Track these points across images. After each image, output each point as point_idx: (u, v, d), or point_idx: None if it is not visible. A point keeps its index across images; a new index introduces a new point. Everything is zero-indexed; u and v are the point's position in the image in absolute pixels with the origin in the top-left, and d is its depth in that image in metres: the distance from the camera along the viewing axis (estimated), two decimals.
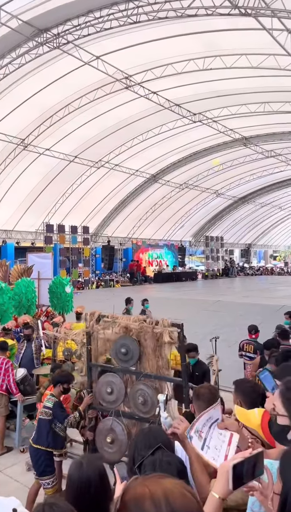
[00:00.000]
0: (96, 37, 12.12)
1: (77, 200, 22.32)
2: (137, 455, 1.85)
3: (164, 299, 15.68)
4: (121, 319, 3.85)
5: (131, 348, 3.57)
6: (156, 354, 3.52)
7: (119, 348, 3.63)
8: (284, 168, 27.09)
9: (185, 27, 11.58)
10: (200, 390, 2.62)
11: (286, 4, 9.25)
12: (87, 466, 1.83)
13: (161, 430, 2.04)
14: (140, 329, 3.58)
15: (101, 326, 3.97)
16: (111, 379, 3.77)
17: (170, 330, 3.44)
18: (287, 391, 1.47)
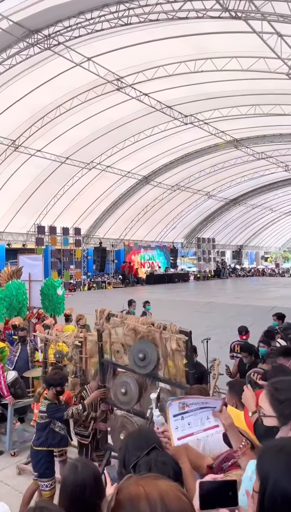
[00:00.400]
0: (87, 39, 12.11)
1: (69, 202, 22.24)
2: (128, 457, 1.84)
3: (156, 301, 15.67)
4: (130, 320, 3.79)
5: (149, 353, 3.45)
6: (170, 361, 3.44)
7: (137, 353, 3.50)
8: (275, 170, 27.32)
9: (175, 29, 11.64)
10: (191, 391, 2.63)
11: (276, 7, 9.34)
12: (82, 469, 1.81)
13: (151, 432, 2.04)
14: (148, 332, 3.49)
15: (111, 325, 3.95)
16: (126, 380, 3.70)
17: (178, 337, 3.33)
18: (275, 391, 1.47)
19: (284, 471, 1.01)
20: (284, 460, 1.03)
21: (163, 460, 1.65)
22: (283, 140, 21.58)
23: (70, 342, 5.46)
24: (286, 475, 1.00)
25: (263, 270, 39.79)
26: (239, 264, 39.72)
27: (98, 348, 4.06)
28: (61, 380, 4.13)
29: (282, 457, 1.04)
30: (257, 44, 11.06)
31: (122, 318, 3.83)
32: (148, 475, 0.93)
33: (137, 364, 3.50)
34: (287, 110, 16.50)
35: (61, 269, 22.69)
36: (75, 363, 5.49)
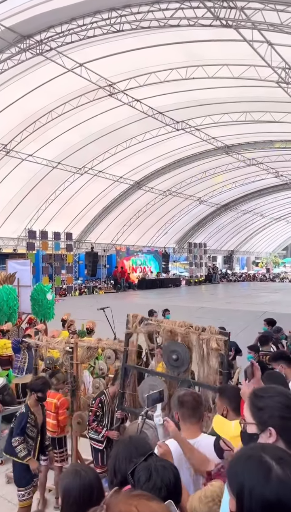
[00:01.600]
0: (80, 45, 12.16)
1: (61, 206, 22.18)
2: (118, 465, 1.83)
3: (148, 306, 15.64)
4: (166, 323, 3.91)
5: (182, 354, 3.61)
6: (204, 362, 3.54)
7: (170, 354, 3.66)
8: (265, 176, 27.62)
9: (167, 36, 11.75)
10: (184, 398, 2.60)
11: (266, 16, 9.49)
12: (86, 473, 1.78)
13: (142, 440, 2.02)
14: (187, 334, 3.62)
15: (145, 329, 4.03)
16: (153, 383, 3.76)
17: (217, 337, 3.45)
18: (255, 398, 1.48)
19: (257, 478, 0.98)
20: (255, 466, 1.00)
21: (163, 465, 1.65)
22: (274, 147, 21.84)
23: (61, 348, 5.42)
24: (261, 481, 0.97)
25: (254, 275, 40.03)
26: (230, 269, 39.91)
27: (124, 352, 4.12)
28: (43, 386, 4.06)
29: (252, 464, 1.01)
30: (247, 52, 11.21)
31: (158, 321, 3.95)
32: (139, 494, 0.91)
33: (171, 364, 3.67)
34: (277, 117, 16.72)
35: (53, 274, 22.55)
36: (66, 369, 5.46)
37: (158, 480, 1.56)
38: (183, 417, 2.56)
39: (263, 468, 0.98)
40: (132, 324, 4.11)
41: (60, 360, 5.51)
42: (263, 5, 9.20)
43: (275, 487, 0.95)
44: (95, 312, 11.13)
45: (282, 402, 1.39)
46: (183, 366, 3.64)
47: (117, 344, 4.89)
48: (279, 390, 1.47)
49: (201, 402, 2.66)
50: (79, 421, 4.90)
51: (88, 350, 5.23)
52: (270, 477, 0.96)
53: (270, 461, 0.98)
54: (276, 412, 1.37)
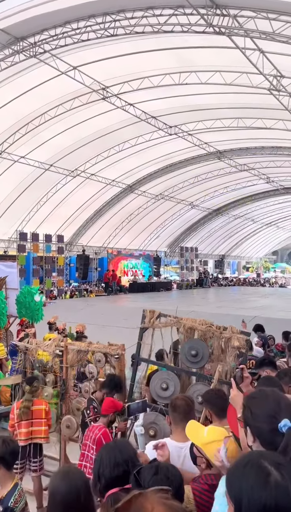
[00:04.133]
0: (74, 48, 12.18)
1: (52, 209, 22.10)
2: (102, 469, 1.83)
3: (139, 309, 15.64)
4: (186, 320, 4.06)
5: (201, 350, 3.75)
6: (220, 359, 3.71)
7: (189, 350, 3.80)
8: (257, 182, 27.89)
9: (161, 42, 11.85)
10: (177, 402, 2.62)
11: (258, 25, 9.64)
12: (74, 475, 1.78)
13: (127, 444, 2.03)
14: (207, 331, 3.79)
15: (162, 324, 4.16)
16: (166, 376, 3.88)
17: (239, 336, 3.64)
18: (247, 397, 1.50)
19: (256, 483, 0.99)
20: (253, 472, 1.01)
21: (167, 464, 1.70)
22: (265, 153, 22.09)
23: (51, 351, 5.39)
24: (259, 486, 0.98)
25: (245, 279, 40.28)
26: (221, 274, 40.11)
27: (137, 346, 4.25)
28: None
29: (250, 471, 1.02)
30: (240, 59, 11.35)
31: (177, 318, 4.08)
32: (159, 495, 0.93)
33: (189, 360, 3.80)
34: (269, 124, 16.93)
35: (43, 277, 22.41)
36: (56, 372, 5.43)
37: (164, 475, 1.61)
38: (174, 421, 2.57)
39: (261, 474, 0.99)
40: (149, 319, 4.21)
41: (49, 364, 5.49)
42: (255, 13, 9.34)
43: (274, 492, 0.96)
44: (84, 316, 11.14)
45: (265, 409, 1.41)
46: (202, 361, 3.78)
47: (108, 348, 4.89)
48: (271, 396, 1.48)
49: (193, 407, 2.67)
50: (68, 425, 4.88)
51: (78, 353, 5.22)
52: (269, 482, 0.97)
53: (269, 467, 0.99)
54: (259, 416, 1.40)
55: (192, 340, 3.85)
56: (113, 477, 1.81)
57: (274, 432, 1.34)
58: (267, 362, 3.75)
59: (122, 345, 4.74)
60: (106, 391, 4.00)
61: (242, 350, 3.57)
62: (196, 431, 2.02)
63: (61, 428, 4.89)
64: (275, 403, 1.41)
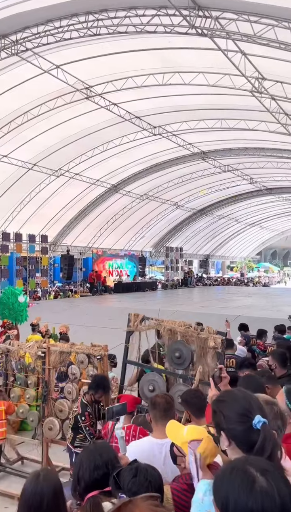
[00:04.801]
0: (56, 46, 12.08)
1: (36, 209, 21.85)
2: (82, 473, 1.82)
3: (124, 309, 15.62)
4: (167, 322, 4.17)
5: (184, 352, 3.85)
6: (201, 360, 3.81)
7: (173, 352, 3.92)
8: (240, 182, 28.20)
9: (144, 42, 11.85)
10: (156, 399, 2.64)
11: (240, 27, 9.73)
12: (43, 479, 1.75)
13: (106, 447, 2.02)
14: (186, 333, 3.88)
15: (145, 327, 4.28)
16: (153, 378, 3.99)
17: (215, 336, 3.73)
18: (215, 402, 1.51)
19: (241, 487, 1.00)
20: (239, 479, 1.02)
21: (146, 466, 1.69)
22: (248, 154, 22.36)
23: (33, 352, 5.33)
24: (245, 493, 0.99)
25: (229, 279, 40.70)
26: (205, 273, 40.41)
27: (125, 350, 4.39)
28: None
29: (237, 476, 1.03)
30: (222, 61, 11.45)
31: (158, 321, 4.20)
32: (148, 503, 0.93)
33: (174, 362, 3.92)
34: (252, 126, 17.14)
35: (27, 277, 22.16)
36: (38, 374, 5.37)
37: (143, 477, 1.61)
38: (154, 418, 2.60)
39: (247, 480, 1.00)
40: (133, 322, 4.32)
41: (31, 366, 5.43)
42: (237, 15, 9.44)
43: (260, 499, 0.96)
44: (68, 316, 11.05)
45: (236, 409, 1.42)
46: (185, 363, 3.88)
47: (91, 349, 4.87)
48: (240, 395, 1.49)
49: (173, 405, 2.69)
50: (50, 427, 4.84)
51: (61, 355, 5.18)
52: (255, 489, 0.98)
53: (255, 473, 1.00)
54: (231, 418, 1.40)
55: (176, 342, 3.93)
56: (93, 480, 1.80)
57: (249, 431, 1.35)
58: (246, 364, 3.81)
59: (105, 346, 4.73)
60: (92, 392, 4.00)
61: (217, 350, 3.64)
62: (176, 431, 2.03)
63: (44, 430, 4.85)
64: (245, 402, 1.43)
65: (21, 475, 4.83)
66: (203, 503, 1.35)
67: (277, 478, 0.99)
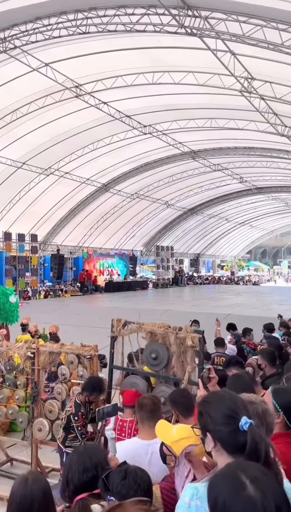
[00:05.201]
0: (45, 44, 11.98)
1: (26, 207, 21.69)
2: (71, 475, 1.82)
3: (115, 309, 15.60)
4: (147, 325, 4.21)
5: (161, 353, 3.91)
6: (181, 359, 3.85)
7: (150, 354, 3.97)
8: (230, 181, 28.36)
9: (134, 41, 11.83)
10: (143, 401, 2.64)
11: (229, 27, 9.78)
12: (32, 482, 1.74)
13: (96, 449, 2.02)
14: (165, 334, 3.94)
15: (128, 331, 4.31)
16: (134, 381, 4.02)
17: (192, 335, 3.76)
18: (201, 403, 1.52)
19: (230, 492, 1.03)
20: (230, 482, 1.05)
21: (135, 468, 1.69)
22: (238, 153, 22.49)
23: (22, 353, 5.29)
24: (233, 496, 1.02)
25: (219, 278, 40.92)
26: (196, 272, 40.57)
27: (110, 355, 4.41)
28: None
29: (228, 480, 1.06)
30: (212, 60, 11.47)
31: (139, 324, 4.24)
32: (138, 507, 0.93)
33: (150, 363, 3.99)
34: (241, 125, 17.24)
35: (17, 277, 21.98)
36: (27, 375, 5.34)
37: (132, 479, 1.61)
38: (141, 419, 2.60)
39: (236, 485, 1.02)
40: (116, 327, 4.35)
41: (20, 366, 5.39)
42: (226, 15, 9.47)
43: (245, 505, 0.99)
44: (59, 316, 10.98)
45: (222, 410, 1.42)
46: (161, 364, 3.94)
47: (80, 349, 4.85)
48: (226, 396, 1.49)
49: (159, 406, 2.70)
50: (40, 428, 4.81)
51: (51, 355, 5.15)
52: (242, 495, 1.00)
53: (245, 480, 1.02)
54: (217, 419, 1.40)
55: (152, 344, 3.99)
56: (82, 483, 1.80)
57: (235, 432, 1.35)
58: (233, 362, 3.84)
59: (95, 346, 4.72)
60: (87, 394, 3.99)
61: (196, 348, 3.69)
62: (165, 430, 2.05)
63: (33, 432, 4.82)
64: (231, 403, 1.43)
65: (10, 477, 4.79)
66: (190, 508, 1.35)
67: (266, 487, 1.01)
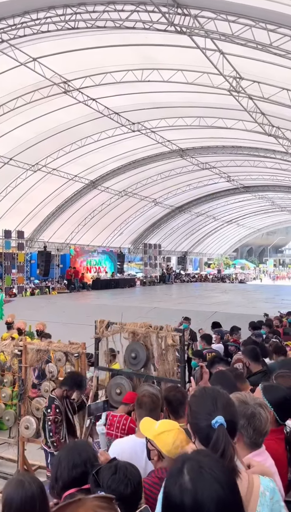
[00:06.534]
0: (33, 39, 11.83)
1: (12, 204, 21.42)
2: (60, 472, 1.82)
3: (102, 306, 15.58)
4: (129, 325, 4.28)
5: (140, 353, 4.01)
6: (162, 358, 3.93)
7: (130, 353, 4.08)
8: (218, 180, 28.53)
9: (123, 38, 11.77)
10: (143, 399, 2.65)
11: (218, 26, 9.81)
12: (30, 483, 1.73)
13: (85, 446, 2.03)
14: (146, 334, 4.02)
15: (111, 332, 4.37)
16: (120, 381, 4.09)
17: (173, 334, 3.87)
18: (190, 396, 1.56)
19: (171, 481, 1.08)
20: (174, 472, 1.09)
21: (125, 464, 1.69)
22: (225, 152, 22.63)
23: (9, 351, 5.26)
24: (172, 485, 1.06)
25: (206, 275, 41.20)
26: (183, 270, 40.75)
27: (95, 356, 4.50)
28: None
29: (173, 471, 1.11)
30: (201, 59, 11.51)
31: (121, 324, 4.31)
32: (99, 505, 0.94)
33: (130, 362, 4.10)
34: (229, 124, 17.34)
35: (2, 274, 21.73)
36: (14, 372, 5.31)
37: (122, 474, 1.64)
38: (140, 417, 2.61)
39: (178, 475, 1.07)
40: (100, 329, 4.42)
41: (7, 364, 5.36)
42: (215, 14, 9.50)
43: (183, 493, 1.03)
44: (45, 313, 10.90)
45: (202, 406, 1.48)
46: (140, 364, 4.02)
47: (68, 347, 4.84)
48: (209, 394, 1.54)
49: (159, 404, 2.72)
50: (27, 426, 4.79)
51: (38, 353, 5.13)
52: (176, 485, 1.06)
53: (185, 471, 1.07)
54: (197, 414, 1.47)
55: (132, 344, 4.08)
56: (71, 479, 1.81)
57: (209, 429, 1.42)
58: (218, 360, 3.90)
59: (83, 343, 4.72)
60: (66, 388, 3.98)
61: (176, 347, 3.79)
62: (149, 426, 2.08)
63: (20, 429, 4.80)
64: (212, 401, 1.49)
65: None
66: None
67: (198, 481, 1.04)
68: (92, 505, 0.93)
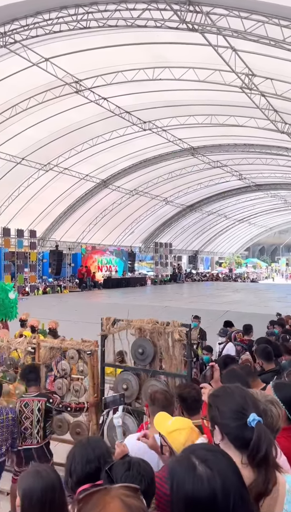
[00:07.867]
0: (46, 39, 11.91)
1: (24, 203, 21.64)
2: (74, 466, 1.84)
3: (113, 305, 15.63)
4: (136, 322, 4.28)
5: (147, 348, 4.02)
6: (169, 353, 3.94)
7: (137, 349, 4.09)
8: (229, 178, 28.33)
9: (134, 36, 11.76)
10: (156, 395, 2.64)
11: (230, 23, 9.73)
12: (48, 473, 1.75)
13: (100, 442, 2.05)
14: (153, 329, 4.03)
15: (117, 329, 4.38)
16: (126, 377, 4.12)
17: (179, 329, 3.86)
18: (211, 396, 1.53)
19: (183, 472, 1.08)
20: (184, 464, 1.09)
21: (139, 460, 1.71)
22: (237, 150, 22.45)
23: (23, 348, 5.31)
24: (185, 477, 1.06)
25: (217, 275, 40.98)
26: (194, 269, 40.61)
27: (100, 353, 4.49)
28: None
29: (181, 463, 1.11)
30: (213, 56, 11.43)
31: (128, 321, 4.31)
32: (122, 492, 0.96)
33: (137, 358, 4.11)
34: (241, 122, 17.20)
35: (15, 272, 21.98)
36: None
37: (136, 471, 1.63)
38: (153, 413, 2.61)
39: (188, 467, 1.08)
40: (106, 326, 4.41)
41: (21, 361, 5.41)
42: (227, 11, 9.43)
43: (194, 483, 1.04)
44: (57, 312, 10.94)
45: (231, 405, 1.43)
46: (147, 359, 4.01)
47: (81, 344, 4.87)
48: (236, 392, 1.50)
49: (172, 401, 2.71)
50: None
51: (51, 350, 5.17)
52: (192, 474, 1.06)
53: (195, 461, 1.08)
54: (226, 414, 1.42)
55: (140, 339, 4.09)
56: (85, 474, 1.82)
57: (243, 428, 1.37)
58: (229, 361, 3.90)
59: (96, 341, 4.74)
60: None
61: (183, 342, 3.78)
62: (162, 421, 2.08)
63: None
64: (241, 398, 1.44)
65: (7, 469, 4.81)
66: None
67: (215, 466, 1.06)
68: (118, 493, 0.95)
